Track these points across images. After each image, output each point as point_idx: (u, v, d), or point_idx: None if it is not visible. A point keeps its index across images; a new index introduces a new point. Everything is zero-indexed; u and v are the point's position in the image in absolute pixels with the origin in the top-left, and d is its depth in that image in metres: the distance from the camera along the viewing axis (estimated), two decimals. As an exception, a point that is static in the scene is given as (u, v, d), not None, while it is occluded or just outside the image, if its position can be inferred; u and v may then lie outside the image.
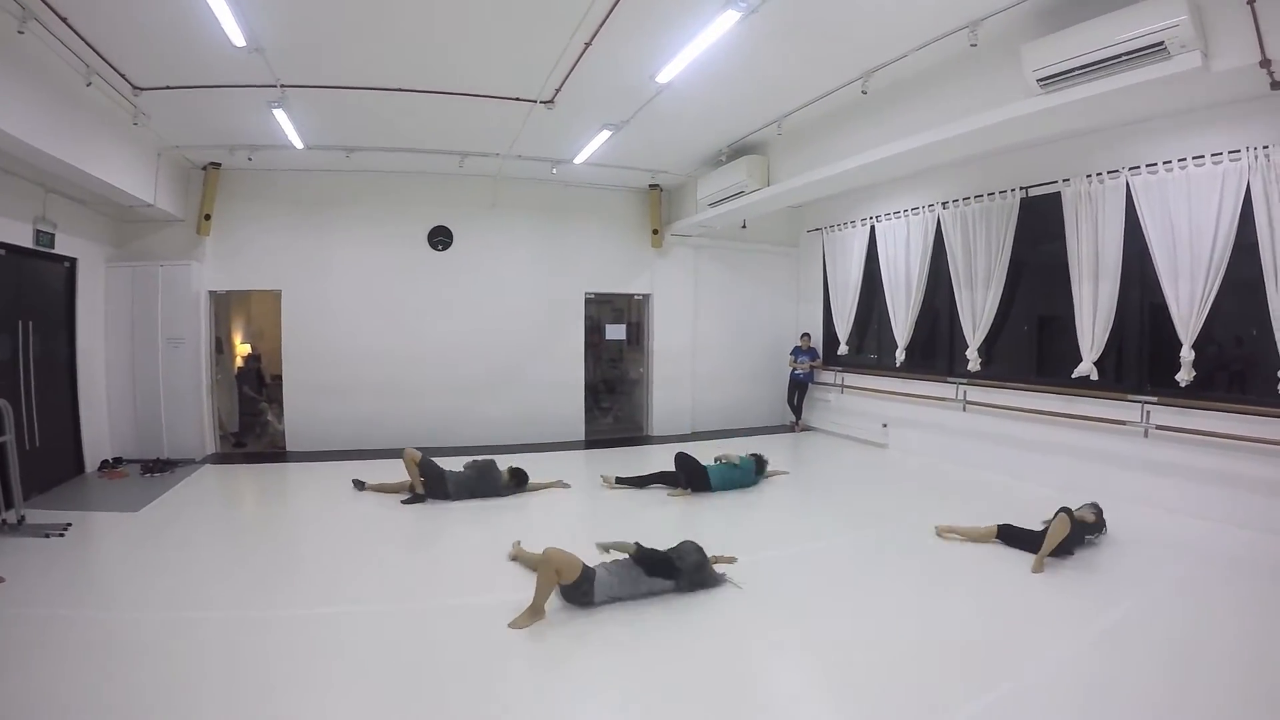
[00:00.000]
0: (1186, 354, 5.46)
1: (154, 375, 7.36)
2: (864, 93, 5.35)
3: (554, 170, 8.03)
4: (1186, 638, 3.45)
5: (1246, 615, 3.69)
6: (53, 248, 6.32)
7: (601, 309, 9.97)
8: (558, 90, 5.60)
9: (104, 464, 6.86)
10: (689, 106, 6.02)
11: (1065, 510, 4.53)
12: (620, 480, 6.40)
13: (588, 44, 4.73)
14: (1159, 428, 5.69)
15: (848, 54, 5.04)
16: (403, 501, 5.81)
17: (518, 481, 6.10)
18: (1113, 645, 3.36)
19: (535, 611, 3.63)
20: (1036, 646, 3.37)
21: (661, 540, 4.23)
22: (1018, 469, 6.68)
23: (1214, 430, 5.30)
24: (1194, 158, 5.41)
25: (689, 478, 6.20)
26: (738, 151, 7.39)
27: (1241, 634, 3.48)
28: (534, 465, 6.41)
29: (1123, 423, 5.92)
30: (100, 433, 7.08)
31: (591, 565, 3.83)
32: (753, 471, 6.41)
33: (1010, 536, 4.71)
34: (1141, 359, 6.04)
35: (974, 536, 4.85)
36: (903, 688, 3.01)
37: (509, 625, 3.53)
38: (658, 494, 6.25)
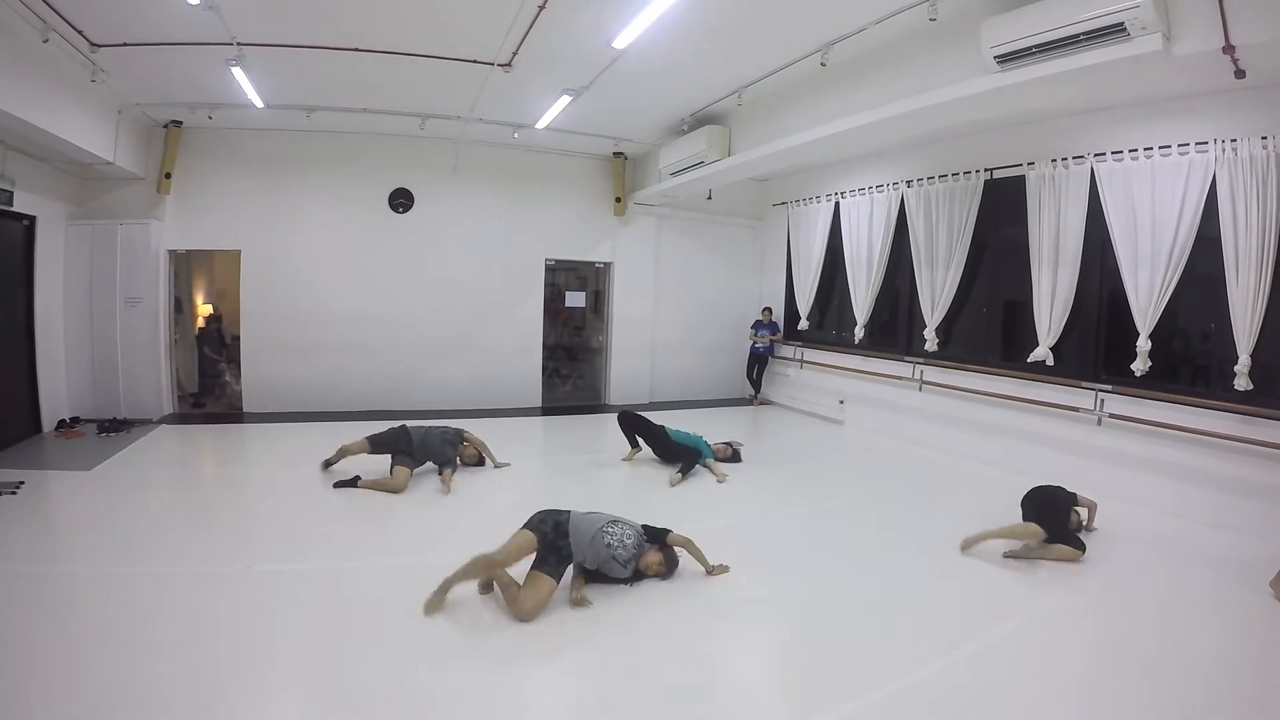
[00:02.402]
0: (1143, 344, 5.47)
1: (112, 335, 7.33)
2: (823, 65, 5.28)
3: (516, 135, 7.96)
4: (1121, 622, 3.53)
5: (1180, 603, 3.79)
6: (11, 205, 6.23)
7: (566, 276, 9.95)
8: (514, 53, 5.52)
9: (61, 423, 6.84)
10: (648, 74, 5.95)
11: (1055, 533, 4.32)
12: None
13: (541, 6, 4.63)
14: (1112, 416, 5.72)
15: (807, 25, 4.97)
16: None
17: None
18: (1051, 627, 3.47)
19: (443, 590, 3.34)
20: (974, 625, 3.46)
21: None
22: (971, 450, 6.75)
23: (1166, 421, 5.33)
24: (1160, 147, 5.37)
25: (645, 437, 6.27)
26: (700, 121, 7.33)
27: (1173, 619, 3.60)
28: (490, 431, 6.40)
29: (1076, 409, 5.96)
30: (58, 392, 7.04)
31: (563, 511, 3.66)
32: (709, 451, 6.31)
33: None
34: (1098, 347, 6.06)
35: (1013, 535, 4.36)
36: (838, 662, 3.11)
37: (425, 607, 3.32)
38: (612, 459, 6.31)
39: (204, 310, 9.06)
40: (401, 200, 8.53)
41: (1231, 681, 3.05)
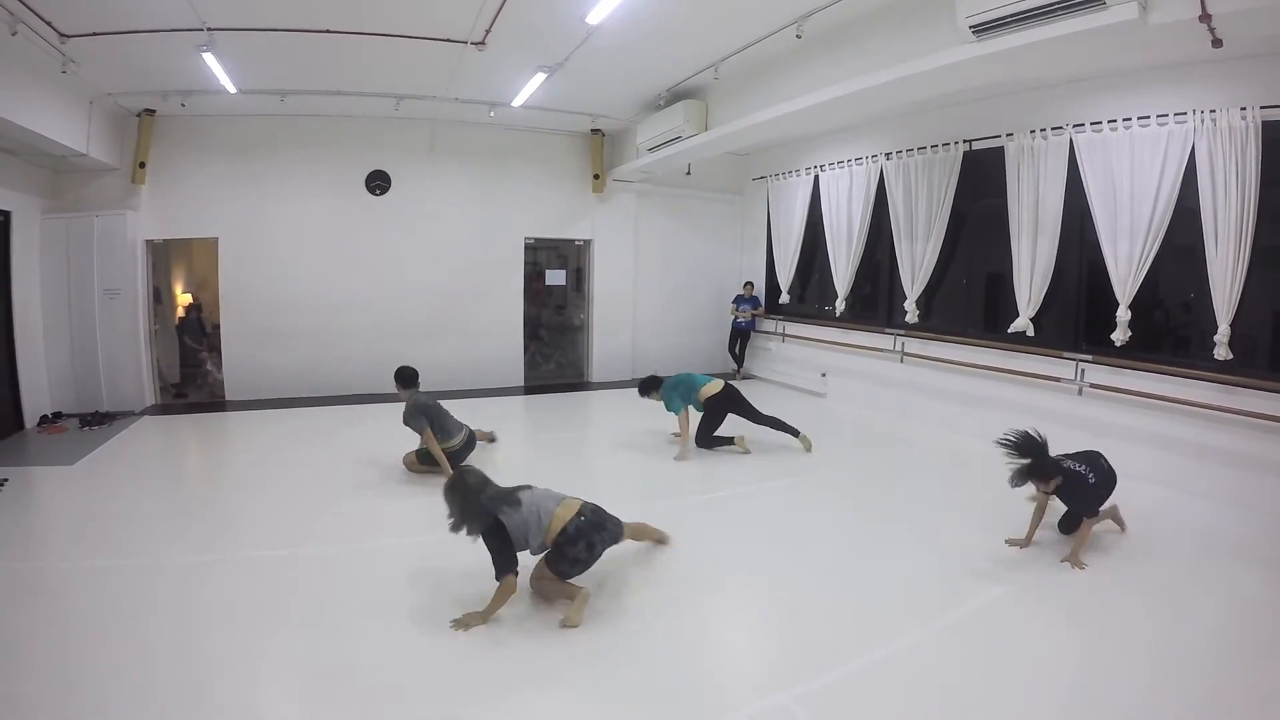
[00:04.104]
0: (1123, 314, 5.48)
1: (92, 328, 7.25)
2: (799, 37, 5.21)
3: (492, 114, 7.85)
4: (1104, 590, 3.58)
5: (1162, 571, 3.84)
6: (-15, 201, 6.18)
7: (547, 255, 9.90)
8: (488, 31, 5.43)
9: (43, 419, 6.79)
10: (623, 49, 5.88)
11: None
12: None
13: (513, -19, 4.56)
14: (1093, 386, 5.74)
15: (782, -3, 4.88)
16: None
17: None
18: (1034, 595, 3.54)
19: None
20: (955, 595, 3.51)
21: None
22: (952, 421, 6.77)
23: (1147, 391, 5.34)
24: (1139, 118, 5.33)
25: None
26: (676, 96, 7.25)
27: (1155, 586, 3.66)
28: (473, 411, 6.43)
29: (1057, 379, 5.98)
30: (39, 388, 6.99)
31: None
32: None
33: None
34: (1078, 317, 6.06)
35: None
36: (817, 632, 3.14)
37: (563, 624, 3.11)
38: (593, 435, 6.30)
39: (183, 299, 8.97)
40: (378, 182, 8.45)
41: (1217, 646, 3.10)
